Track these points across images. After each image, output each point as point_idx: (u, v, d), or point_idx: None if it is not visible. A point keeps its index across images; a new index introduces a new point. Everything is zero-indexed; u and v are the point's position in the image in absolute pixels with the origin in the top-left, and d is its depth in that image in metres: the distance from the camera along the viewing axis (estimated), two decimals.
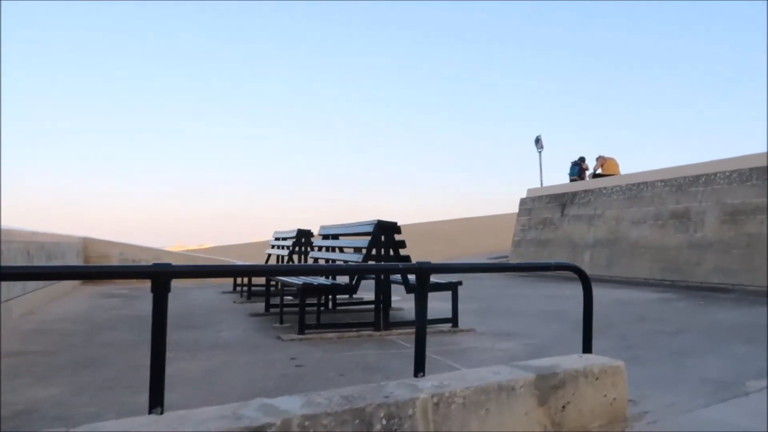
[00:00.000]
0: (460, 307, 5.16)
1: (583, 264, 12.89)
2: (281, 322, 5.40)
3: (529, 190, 16.06)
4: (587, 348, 2.85)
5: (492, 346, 4.35)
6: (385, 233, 4.92)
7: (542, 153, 18.38)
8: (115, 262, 11.13)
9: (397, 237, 4.97)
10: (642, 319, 5.66)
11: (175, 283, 1.89)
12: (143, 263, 11.39)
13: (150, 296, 1.88)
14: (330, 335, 4.74)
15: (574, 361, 2.67)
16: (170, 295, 1.91)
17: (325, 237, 6.24)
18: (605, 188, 12.90)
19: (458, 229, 20.33)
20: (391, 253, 4.94)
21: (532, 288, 9.58)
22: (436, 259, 18.65)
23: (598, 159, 14.41)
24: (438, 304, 5.69)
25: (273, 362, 3.75)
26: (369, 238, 4.94)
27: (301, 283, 4.86)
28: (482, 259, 16.38)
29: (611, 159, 14.19)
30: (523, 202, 16.02)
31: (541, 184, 17.86)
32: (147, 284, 1.89)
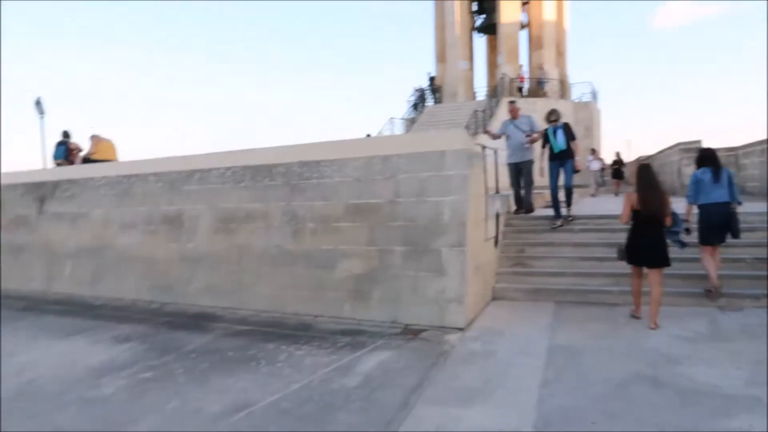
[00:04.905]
0: None
1: (63, 279, 9.72)
2: None
3: (3, 175, 11.74)
4: None
5: None
6: None
7: (44, 118, 14.30)
8: None
9: None
10: None
11: None
12: None
13: None
14: None
15: None
16: None
17: None
18: (93, 179, 9.90)
19: None
20: None
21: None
22: None
23: (92, 139, 11.23)
24: None
25: None
26: None
27: None
28: None
29: (107, 141, 11.22)
30: None
31: (45, 164, 13.74)
32: None
